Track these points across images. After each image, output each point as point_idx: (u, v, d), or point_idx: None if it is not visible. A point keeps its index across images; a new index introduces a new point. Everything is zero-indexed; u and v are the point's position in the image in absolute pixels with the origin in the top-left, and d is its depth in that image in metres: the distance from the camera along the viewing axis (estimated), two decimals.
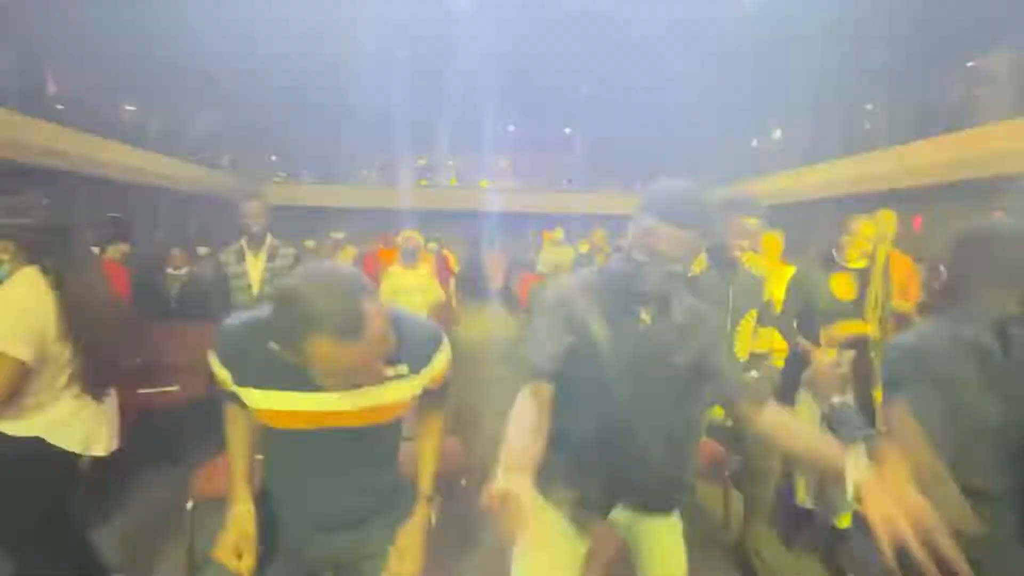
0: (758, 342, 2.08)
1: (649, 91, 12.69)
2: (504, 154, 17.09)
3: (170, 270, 3.53)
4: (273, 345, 0.86)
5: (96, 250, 2.65)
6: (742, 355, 2.04)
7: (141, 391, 2.77)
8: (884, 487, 0.82)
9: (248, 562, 1.02)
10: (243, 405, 1.03)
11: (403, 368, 1.00)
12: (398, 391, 1.01)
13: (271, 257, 2.86)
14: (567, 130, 17.67)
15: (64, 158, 7.76)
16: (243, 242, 2.87)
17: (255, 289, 2.83)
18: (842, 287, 2.27)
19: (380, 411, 1.01)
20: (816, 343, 2.28)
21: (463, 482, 2.36)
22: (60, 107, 9.09)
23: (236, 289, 2.82)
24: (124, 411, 2.73)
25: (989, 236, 1.04)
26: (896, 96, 9.26)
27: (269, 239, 2.87)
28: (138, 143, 9.90)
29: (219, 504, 1.15)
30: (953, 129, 7.37)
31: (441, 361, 1.06)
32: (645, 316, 1.14)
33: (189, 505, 2.02)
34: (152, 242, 6.71)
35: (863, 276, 2.28)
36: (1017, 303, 0.98)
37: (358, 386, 0.93)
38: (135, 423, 2.85)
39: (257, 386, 0.97)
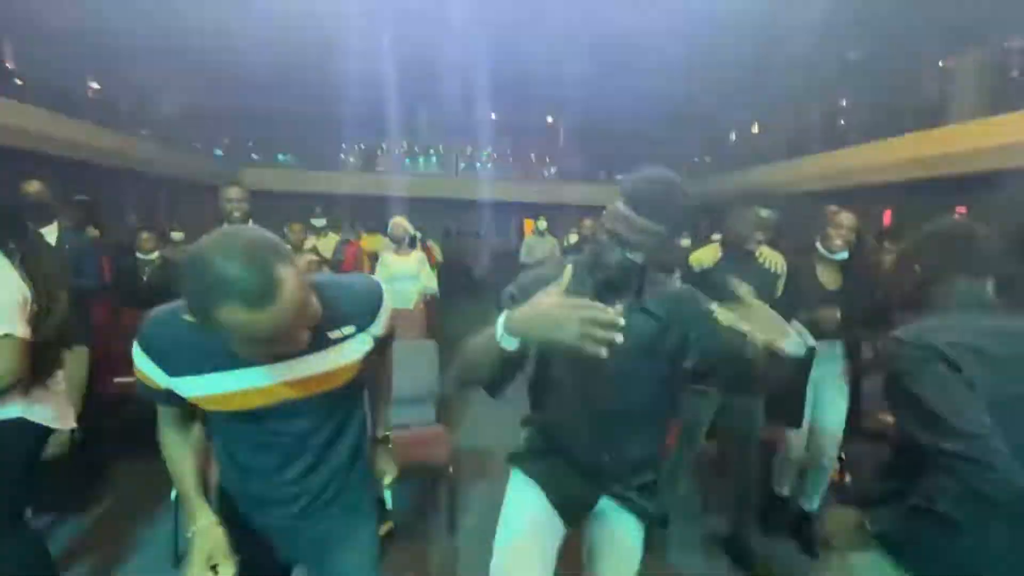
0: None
1: (628, 85, 12.72)
2: (487, 142, 16.96)
3: (140, 255, 3.43)
4: (188, 317, 0.82)
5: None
6: None
7: (119, 380, 2.70)
8: None
9: (227, 572, 0.98)
10: (178, 406, 0.99)
11: (349, 329, 0.99)
12: (349, 352, 1.00)
13: None
14: (549, 119, 17.62)
15: (24, 137, 7.41)
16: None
17: None
18: (828, 277, 2.32)
19: (328, 377, 0.98)
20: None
21: (450, 469, 2.38)
22: (19, 82, 8.68)
23: None
24: (104, 399, 2.68)
25: (962, 235, 1.14)
26: (870, 93, 9.49)
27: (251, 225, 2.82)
28: (105, 123, 9.49)
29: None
30: (924, 127, 7.59)
31: (386, 314, 1.05)
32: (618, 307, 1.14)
33: (173, 494, 1.99)
34: (123, 227, 6.48)
35: (846, 266, 2.33)
36: (988, 291, 1.08)
37: (280, 357, 0.90)
38: (116, 411, 2.80)
39: (191, 372, 0.92)
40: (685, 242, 4.46)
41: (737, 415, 2.17)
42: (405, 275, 3.60)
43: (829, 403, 2.34)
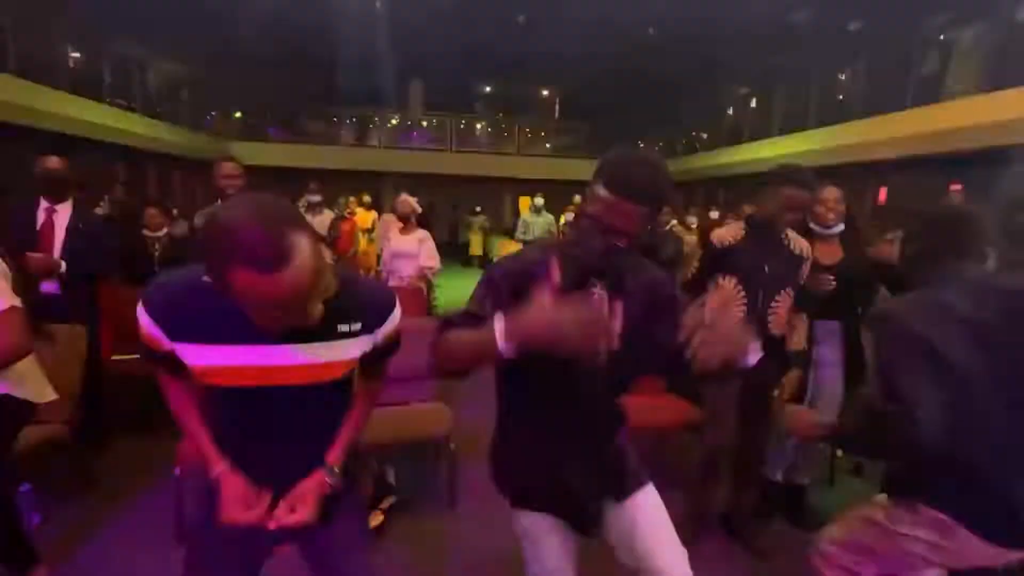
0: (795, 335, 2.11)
1: (624, 59, 12.48)
2: (478, 116, 16.69)
3: (147, 232, 3.40)
4: (206, 279, 0.84)
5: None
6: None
7: (117, 357, 2.69)
8: None
9: (262, 506, 0.99)
10: (177, 369, 0.99)
11: (356, 326, 1.01)
12: (351, 349, 1.02)
13: None
14: (544, 92, 17.32)
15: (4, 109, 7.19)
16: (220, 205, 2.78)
17: None
18: (826, 253, 2.31)
19: (327, 368, 1.00)
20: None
21: (452, 446, 2.41)
22: None
23: None
24: (113, 377, 2.67)
25: (956, 216, 1.31)
26: (870, 67, 9.37)
27: None
28: (86, 94, 9.16)
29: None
30: (924, 102, 7.52)
31: (393, 323, 1.07)
32: (600, 290, 1.12)
33: (176, 471, 2.01)
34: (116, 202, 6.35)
35: (842, 238, 2.33)
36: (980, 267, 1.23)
37: (291, 335, 0.91)
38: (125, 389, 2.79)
39: (194, 340, 0.93)
40: (671, 219, 4.43)
41: (752, 395, 2.13)
42: (409, 252, 3.64)
43: (827, 380, 2.38)
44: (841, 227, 2.32)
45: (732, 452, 2.21)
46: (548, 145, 16.85)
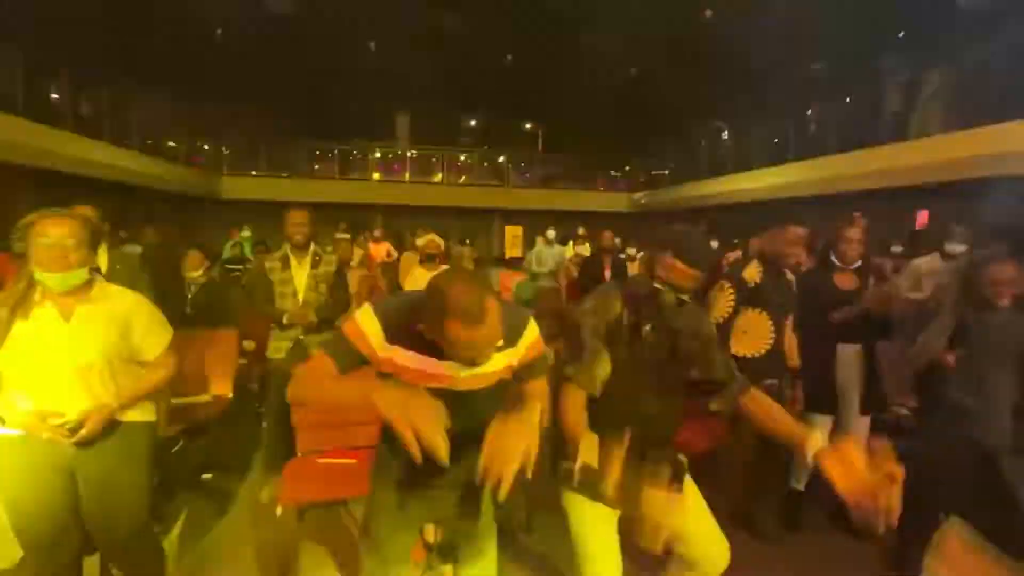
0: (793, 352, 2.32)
1: (602, 92, 13.05)
2: (463, 148, 17.01)
3: (185, 275, 3.39)
4: (420, 326, 1.16)
5: None
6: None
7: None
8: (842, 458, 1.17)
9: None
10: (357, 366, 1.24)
11: (500, 341, 1.23)
12: (497, 360, 1.27)
13: (315, 264, 2.90)
14: (527, 125, 17.84)
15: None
16: (287, 249, 2.89)
17: (300, 296, 2.85)
18: (843, 281, 2.54)
19: (483, 377, 1.28)
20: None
21: None
22: None
23: (280, 296, 2.84)
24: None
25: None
26: (837, 104, 10.07)
27: (312, 246, 2.91)
28: (64, 126, 8.89)
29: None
30: (890, 140, 8.08)
31: (529, 336, 1.32)
32: (649, 331, 1.45)
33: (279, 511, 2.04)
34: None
35: (859, 271, 2.55)
36: None
37: (476, 363, 1.18)
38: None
39: (405, 347, 1.23)
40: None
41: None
42: None
43: (849, 400, 2.55)
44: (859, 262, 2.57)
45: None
46: (528, 175, 17.18)
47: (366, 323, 1.22)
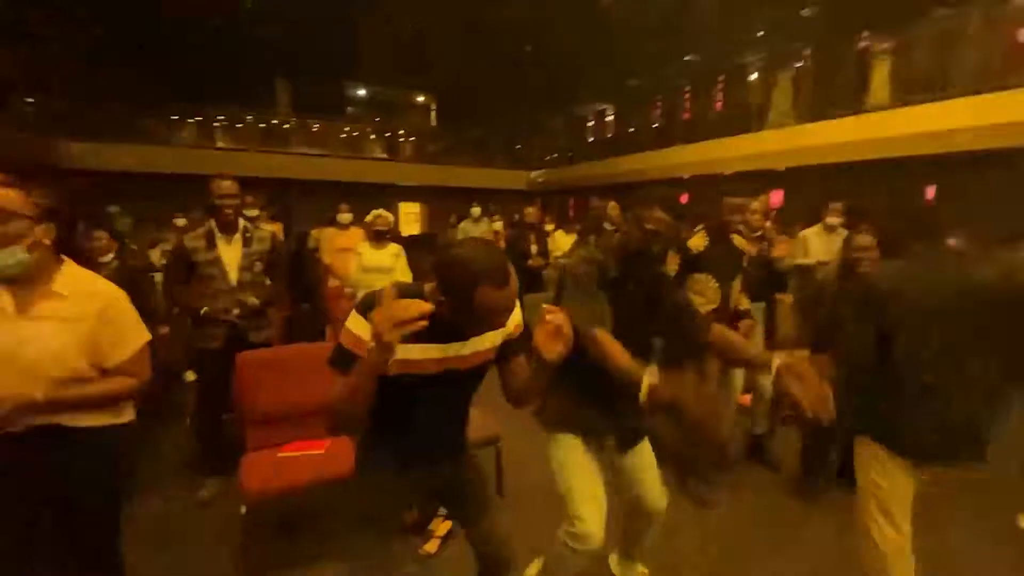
0: (741, 301, 2.66)
1: (499, 71, 13.05)
2: (354, 120, 16.02)
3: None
4: (442, 298, 1.13)
5: None
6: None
7: None
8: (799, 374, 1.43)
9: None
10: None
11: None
12: (490, 339, 1.32)
13: (247, 242, 2.61)
14: (420, 98, 17.30)
15: None
16: (212, 225, 2.55)
17: (232, 277, 2.56)
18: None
19: (480, 355, 1.32)
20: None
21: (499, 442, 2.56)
22: None
23: (208, 277, 2.52)
24: None
25: None
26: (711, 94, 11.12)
27: (242, 222, 2.61)
28: None
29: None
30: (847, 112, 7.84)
31: (516, 316, 1.35)
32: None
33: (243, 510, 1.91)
34: None
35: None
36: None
37: (498, 326, 1.23)
38: None
39: (408, 342, 1.16)
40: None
41: None
42: (379, 268, 3.51)
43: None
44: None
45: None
46: (427, 150, 16.62)
47: (359, 328, 1.17)
